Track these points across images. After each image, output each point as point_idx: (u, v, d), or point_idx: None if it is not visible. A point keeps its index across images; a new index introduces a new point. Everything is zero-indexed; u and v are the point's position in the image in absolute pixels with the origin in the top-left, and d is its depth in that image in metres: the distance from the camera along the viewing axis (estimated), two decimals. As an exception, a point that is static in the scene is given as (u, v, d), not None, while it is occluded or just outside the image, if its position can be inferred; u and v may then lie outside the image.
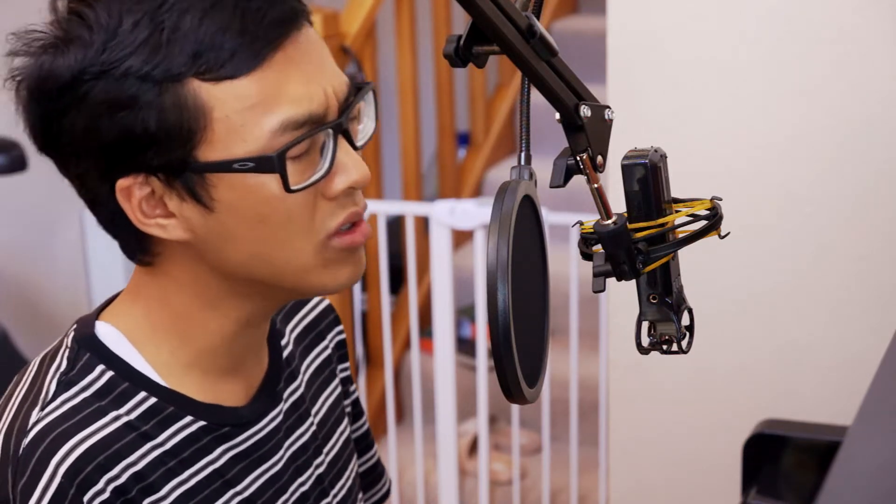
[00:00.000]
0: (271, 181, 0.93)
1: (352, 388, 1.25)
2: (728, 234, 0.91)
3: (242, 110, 0.91)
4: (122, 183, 0.94)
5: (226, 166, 0.92)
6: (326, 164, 0.95)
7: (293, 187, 0.93)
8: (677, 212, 0.90)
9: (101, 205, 0.97)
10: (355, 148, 0.98)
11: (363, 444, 1.27)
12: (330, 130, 0.95)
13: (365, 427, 1.28)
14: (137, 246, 0.99)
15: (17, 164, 2.81)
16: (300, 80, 0.93)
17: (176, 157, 0.92)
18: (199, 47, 0.90)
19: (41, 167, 3.18)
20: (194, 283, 1.00)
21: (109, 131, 0.91)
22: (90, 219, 3.71)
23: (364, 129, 1.01)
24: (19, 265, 3.24)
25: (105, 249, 3.34)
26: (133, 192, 0.94)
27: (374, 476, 1.30)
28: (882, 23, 1.54)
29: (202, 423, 1.02)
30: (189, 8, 0.90)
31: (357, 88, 0.99)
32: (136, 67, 0.90)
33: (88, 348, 1.01)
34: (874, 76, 1.56)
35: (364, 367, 2.98)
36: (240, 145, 0.92)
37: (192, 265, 0.99)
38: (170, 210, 0.95)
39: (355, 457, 1.24)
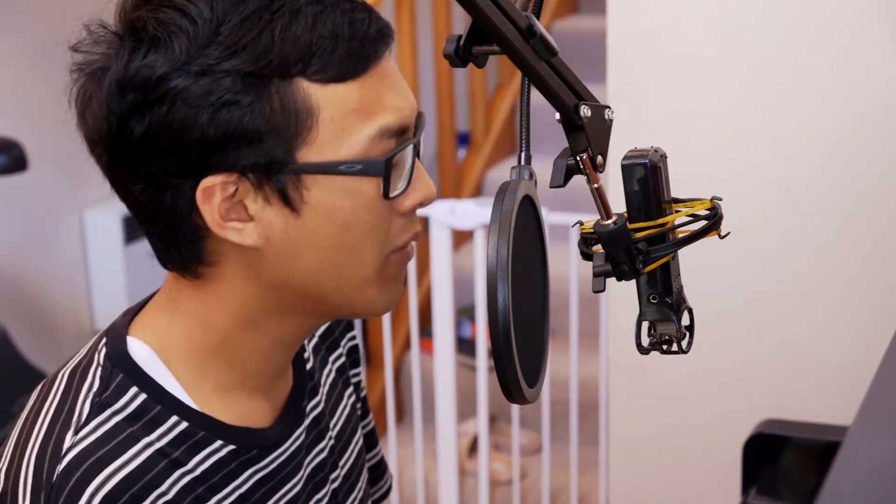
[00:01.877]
0: (368, 187, 0.94)
1: (362, 389, 1.25)
2: (728, 234, 0.91)
3: (346, 114, 0.92)
4: (207, 181, 0.92)
5: (331, 168, 0.92)
6: (407, 178, 0.96)
7: (392, 194, 0.94)
8: (677, 212, 0.90)
9: (166, 211, 0.94)
10: None
11: (368, 441, 1.27)
12: (411, 146, 0.96)
13: (371, 425, 1.28)
14: (194, 255, 0.97)
15: (17, 164, 2.81)
16: (394, 90, 0.95)
17: (276, 157, 0.91)
18: (313, 48, 0.90)
19: (41, 167, 3.18)
20: (242, 298, 0.98)
21: (209, 127, 0.90)
22: (90, 219, 3.71)
23: None
24: (19, 265, 3.24)
25: (105, 249, 3.34)
26: (215, 193, 0.92)
27: (377, 473, 1.30)
28: (882, 23, 1.54)
29: (231, 447, 1.01)
30: (299, 10, 0.91)
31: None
32: (244, 65, 0.89)
33: (122, 368, 0.99)
34: (874, 76, 1.56)
35: (364, 367, 2.98)
36: (338, 149, 0.92)
37: (244, 278, 0.97)
38: (250, 213, 0.94)
39: (367, 466, 1.24)
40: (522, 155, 0.84)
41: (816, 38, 1.58)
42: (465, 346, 3.10)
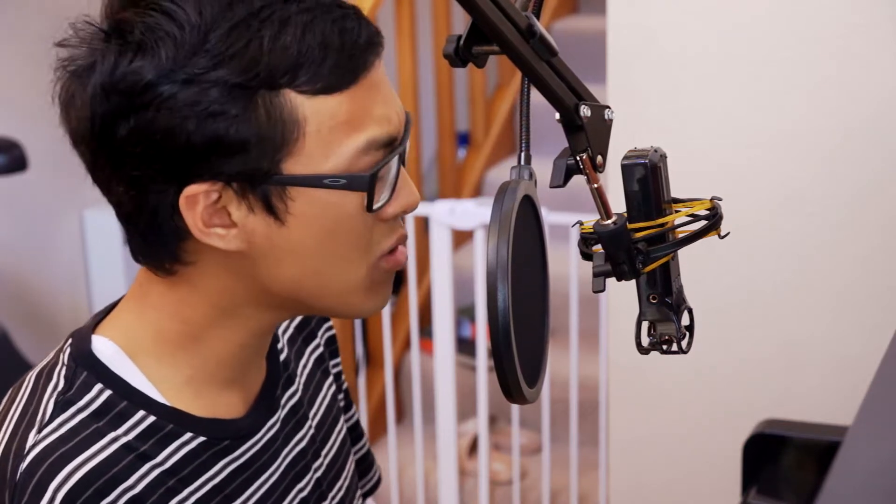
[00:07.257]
0: (351, 199, 0.93)
1: (343, 380, 1.25)
2: (728, 233, 0.91)
3: (333, 127, 0.91)
4: (191, 189, 0.91)
5: (315, 181, 0.92)
6: (391, 188, 0.95)
7: (375, 206, 0.94)
8: (677, 212, 0.91)
9: (147, 213, 0.93)
10: None
11: (354, 434, 1.27)
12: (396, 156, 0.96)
13: (355, 417, 1.27)
14: (171, 255, 0.97)
15: (17, 164, 2.81)
16: (382, 101, 0.94)
17: (261, 167, 0.91)
18: (301, 59, 0.89)
19: (41, 167, 3.17)
20: (220, 292, 0.98)
21: (195, 135, 0.89)
22: (90, 219, 3.71)
23: None
24: (19, 265, 3.24)
25: (105, 249, 3.34)
26: (199, 200, 0.92)
27: (364, 466, 1.30)
28: (882, 23, 1.54)
29: (202, 438, 1.01)
30: (289, 19, 0.89)
31: None
32: (232, 76, 0.88)
33: (86, 366, 0.98)
34: (874, 76, 1.56)
35: (364, 367, 2.98)
36: (324, 162, 0.92)
37: (225, 275, 0.97)
38: (233, 220, 0.93)
39: (352, 454, 1.24)
40: (522, 155, 0.84)
41: (816, 38, 1.58)
42: (465, 346, 3.09)
